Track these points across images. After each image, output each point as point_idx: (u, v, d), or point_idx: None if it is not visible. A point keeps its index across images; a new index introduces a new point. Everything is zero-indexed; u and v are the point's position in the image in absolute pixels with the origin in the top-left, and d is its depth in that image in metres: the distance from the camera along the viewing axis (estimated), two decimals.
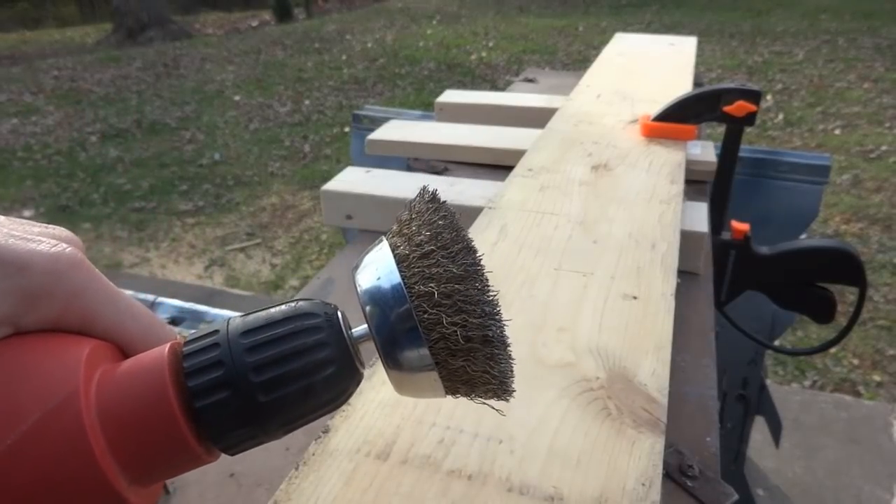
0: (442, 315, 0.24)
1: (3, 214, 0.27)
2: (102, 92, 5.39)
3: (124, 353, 0.26)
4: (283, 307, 0.24)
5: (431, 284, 0.25)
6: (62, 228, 0.27)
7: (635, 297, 0.54)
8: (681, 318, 0.59)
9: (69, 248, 0.25)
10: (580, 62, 5.39)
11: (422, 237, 0.26)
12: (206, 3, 10.64)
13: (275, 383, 0.22)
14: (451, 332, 0.24)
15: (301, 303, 0.25)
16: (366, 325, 0.25)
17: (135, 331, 0.26)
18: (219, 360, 0.22)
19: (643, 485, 0.37)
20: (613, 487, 0.37)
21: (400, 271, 0.25)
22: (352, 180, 0.90)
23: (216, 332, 0.23)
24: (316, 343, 0.23)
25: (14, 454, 0.20)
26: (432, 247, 0.25)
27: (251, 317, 0.24)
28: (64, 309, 0.24)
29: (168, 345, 0.24)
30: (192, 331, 0.28)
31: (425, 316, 0.24)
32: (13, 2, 11.40)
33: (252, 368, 0.22)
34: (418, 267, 0.25)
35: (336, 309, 0.26)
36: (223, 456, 0.25)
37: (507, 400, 0.29)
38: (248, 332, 0.23)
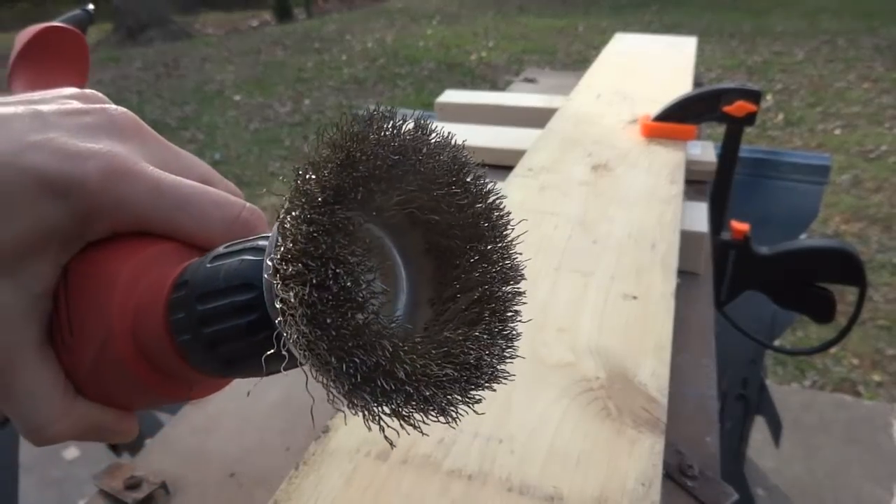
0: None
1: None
2: (103, 92, 5.37)
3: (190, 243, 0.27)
4: (232, 270, 0.23)
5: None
6: (106, 107, 0.27)
7: (635, 297, 0.54)
8: (681, 318, 0.59)
9: (115, 153, 0.25)
10: (580, 62, 5.39)
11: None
12: (206, 3, 10.64)
13: (211, 326, 0.23)
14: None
15: (246, 265, 0.22)
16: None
17: (188, 225, 0.26)
18: (184, 300, 0.24)
19: (643, 485, 0.37)
20: (613, 487, 0.37)
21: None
22: None
23: (186, 281, 0.24)
24: (248, 323, 0.22)
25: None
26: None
27: (210, 270, 0.23)
28: (116, 220, 0.25)
29: (171, 279, 0.25)
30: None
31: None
32: (13, 2, 11.40)
33: (200, 317, 0.23)
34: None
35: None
36: (223, 456, 0.26)
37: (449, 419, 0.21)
38: (204, 292, 0.23)
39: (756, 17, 6.99)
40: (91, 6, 0.57)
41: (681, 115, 0.91)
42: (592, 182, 0.76)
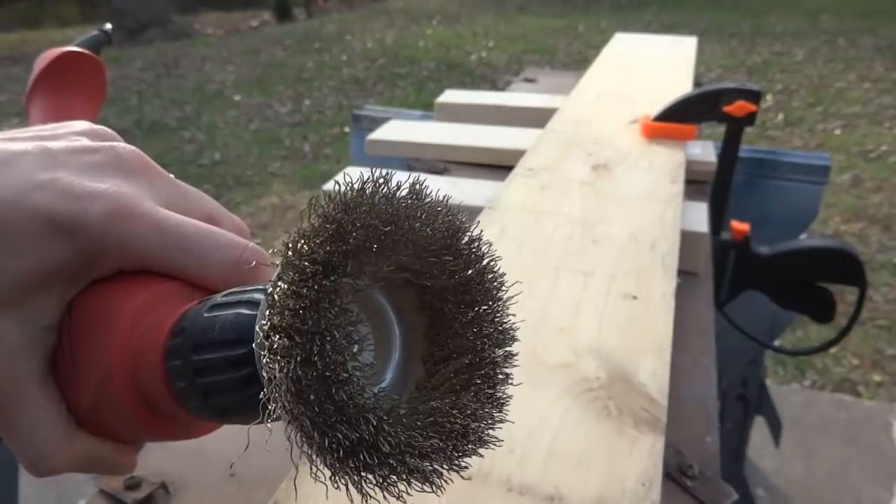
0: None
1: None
2: None
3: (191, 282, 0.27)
4: (227, 323, 0.23)
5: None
6: (115, 145, 0.28)
7: (635, 297, 0.54)
8: (681, 318, 0.59)
9: (121, 193, 0.25)
10: (580, 62, 5.39)
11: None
12: (206, 3, 10.63)
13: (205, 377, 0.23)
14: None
15: (241, 319, 0.22)
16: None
17: (189, 265, 0.26)
18: (180, 347, 0.24)
19: (643, 485, 0.37)
20: (613, 487, 0.37)
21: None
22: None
23: (183, 329, 0.24)
24: (241, 377, 0.22)
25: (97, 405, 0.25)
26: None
27: (207, 320, 0.23)
28: (120, 260, 0.25)
29: (170, 323, 0.25)
30: None
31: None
32: (13, 2, 11.40)
33: (195, 368, 0.23)
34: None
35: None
36: (223, 456, 0.26)
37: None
38: (199, 343, 0.23)
39: (756, 17, 6.98)
40: (108, 26, 0.58)
41: (681, 115, 0.91)
42: (592, 182, 0.76)
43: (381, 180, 0.21)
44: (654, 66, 1.32)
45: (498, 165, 0.99)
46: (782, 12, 7.10)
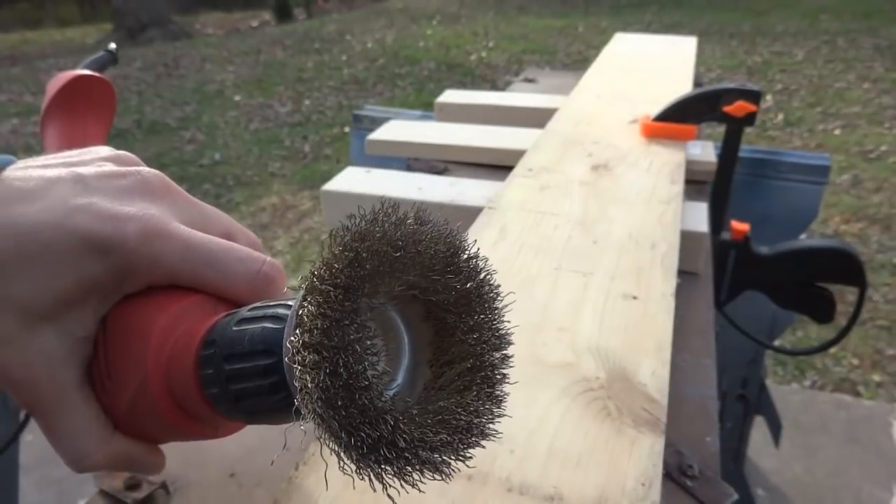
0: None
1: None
2: None
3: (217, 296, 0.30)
4: (255, 336, 0.25)
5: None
6: (140, 170, 0.30)
7: (635, 297, 0.54)
8: (681, 318, 0.59)
9: (150, 215, 0.27)
10: (580, 62, 5.39)
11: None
12: (206, 3, 10.63)
13: (236, 383, 0.26)
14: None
15: (268, 333, 0.25)
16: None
17: (214, 279, 0.29)
18: (211, 358, 0.27)
19: (643, 485, 0.37)
20: (613, 487, 0.37)
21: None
22: (352, 180, 0.90)
23: (214, 341, 0.27)
24: (269, 384, 0.25)
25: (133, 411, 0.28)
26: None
27: (235, 333, 0.26)
28: (151, 276, 0.28)
29: (200, 334, 0.27)
30: None
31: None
32: (13, 2, 11.40)
33: (227, 376, 0.26)
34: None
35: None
36: (223, 456, 0.27)
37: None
38: (231, 353, 0.26)
39: (756, 17, 6.99)
40: (114, 46, 0.59)
41: (681, 115, 0.91)
42: (592, 182, 0.76)
43: (390, 210, 0.24)
44: (654, 66, 1.32)
45: (498, 165, 0.99)
46: (782, 12, 7.10)
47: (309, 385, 0.21)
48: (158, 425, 0.28)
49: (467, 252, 0.27)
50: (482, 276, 0.27)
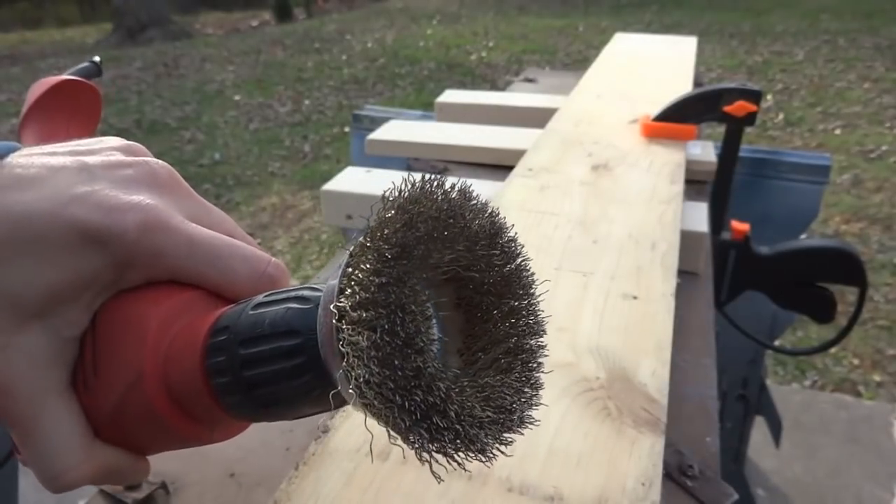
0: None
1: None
2: (102, 92, 5.37)
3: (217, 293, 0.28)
4: (278, 317, 0.24)
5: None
6: (148, 161, 0.29)
7: (635, 297, 0.54)
8: (681, 318, 0.59)
9: (153, 206, 0.26)
10: (580, 62, 5.39)
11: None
12: (206, 3, 10.63)
13: (256, 368, 0.25)
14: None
15: (294, 313, 0.24)
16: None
17: (216, 277, 0.27)
18: (223, 346, 0.25)
19: (643, 485, 0.37)
20: (613, 487, 0.37)
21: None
22: (352, 180, 0.90)
23: (227, 327, 0.25)
24: (292, 367, 0.24)
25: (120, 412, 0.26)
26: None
27: (254, 316, 0.25)
28: (150, 270, 0.26)
29: (205, 325, 0.26)
30: None
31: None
32: (13, 2, 11.40)
33: (243, 360, 0.25)
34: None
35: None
36: (223, 456, 0.26)
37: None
38: (248, 337, 0.25)
39: (756, 17, 6.98)
40: (98, 58, 0.59)
41: (681, 115, 0.91)
42: (592, 182, 0.76)
43: (437, 181, 0.24)
44: (654, 65, 1.32)
45: (498, 165, 0.99)
46: (782, 12, 7.10)
47: (363, 342, 0.20)
48: (148, 427, 0.26)
49: (508, 233, 0.26)
50: (520, 259, 0.26)
